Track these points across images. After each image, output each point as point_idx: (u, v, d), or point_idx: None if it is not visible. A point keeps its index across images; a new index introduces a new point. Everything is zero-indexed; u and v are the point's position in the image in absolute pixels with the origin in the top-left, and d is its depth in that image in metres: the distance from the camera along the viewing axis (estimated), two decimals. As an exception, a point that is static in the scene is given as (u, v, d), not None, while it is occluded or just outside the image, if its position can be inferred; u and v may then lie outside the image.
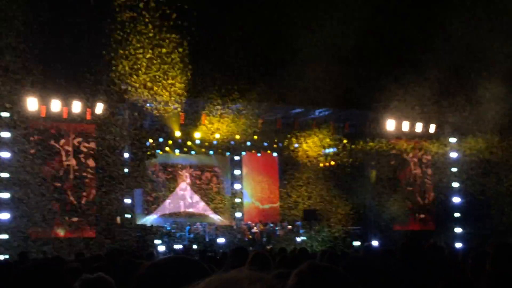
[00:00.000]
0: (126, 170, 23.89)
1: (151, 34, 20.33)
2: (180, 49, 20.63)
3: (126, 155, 23.80)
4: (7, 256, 19.53)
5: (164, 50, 20.69)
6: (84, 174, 23.42)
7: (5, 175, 21.58)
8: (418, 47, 23.38)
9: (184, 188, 30.49)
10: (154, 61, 20.84)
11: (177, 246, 25.13)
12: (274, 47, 23.16)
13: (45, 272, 4.04)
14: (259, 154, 30.85)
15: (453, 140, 29.27)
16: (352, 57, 22.52)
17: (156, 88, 21.66)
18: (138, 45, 20.42)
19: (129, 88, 22.87)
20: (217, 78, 22.92)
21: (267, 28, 22.45)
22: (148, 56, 20.75)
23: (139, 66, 20.91)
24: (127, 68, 20.95)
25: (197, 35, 20.19)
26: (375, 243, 25.14)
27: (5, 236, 21.26)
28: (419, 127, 28.64)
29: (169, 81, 21.35)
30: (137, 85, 22.24)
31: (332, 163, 29.01)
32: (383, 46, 23.85)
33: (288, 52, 23.13)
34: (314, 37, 21.63)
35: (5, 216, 21.41)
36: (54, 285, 4.00)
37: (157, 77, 21.23)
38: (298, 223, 28.86)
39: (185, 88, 21.93)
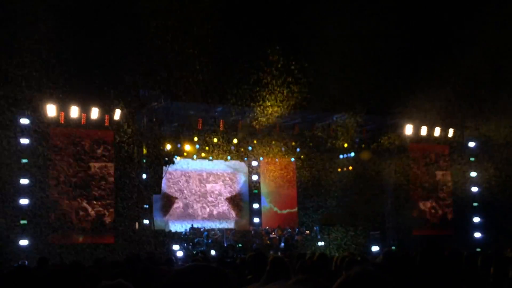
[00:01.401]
0: (144, 176, 23.96)
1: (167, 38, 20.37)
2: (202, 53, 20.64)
3: (144, 161, 23.87)
4: (26, 262, 19.63)
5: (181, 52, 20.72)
6: (102, 180, 23.51)
7: (25, 181, 21.74)
8: (436, 52, 23.28)
9: (202, 193, 30.50)
10: (176, 65, 20.88)
11: (195, 252, 25.08)
12: (291, 52, 23.13)
13: (63, 278, 4.04)
14: (276, 160, 30.79)
15: (472, 144, 29.05)
16: (370, 62, 22.45)
17: (177, 93, 21.73)
18: (159, 51, 20.47)
19: (148, 94, 23.00)
20: (234, 83, 22.94)
21: (284, 33, 22.45)
22: (167, 63, 20.79)
23: (159, 72, 20.99)
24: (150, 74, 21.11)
25: (214, 41, 20.22)
26: (394, 248, 24.95)
27: (25, 242, 21.41)
28: (437, 131, 28.46)
29: (190, 86, 21.37)
30: (157, 91, 22.36)
31: (350, 168, 28.90)
32: (401, 51, 23.76)
33: (306, 57, 23.09)
34: (332, 42, 21.60)
35: (25, 221, 21.56)
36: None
37: (177, 83, 21.28)
38: (316, 228, 28.76)
39: (204, 93, 21.97)
